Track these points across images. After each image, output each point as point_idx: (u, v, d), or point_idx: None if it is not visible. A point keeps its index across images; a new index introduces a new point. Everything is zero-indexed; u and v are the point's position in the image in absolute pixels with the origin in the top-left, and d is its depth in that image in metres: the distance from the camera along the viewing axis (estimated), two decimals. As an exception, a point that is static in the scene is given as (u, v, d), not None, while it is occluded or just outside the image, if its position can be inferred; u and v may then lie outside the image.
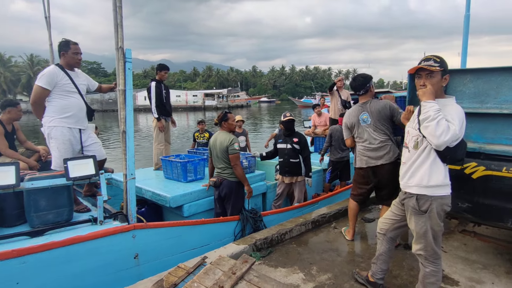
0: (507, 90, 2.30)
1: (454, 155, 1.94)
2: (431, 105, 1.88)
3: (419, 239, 2.12)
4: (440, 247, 2.13)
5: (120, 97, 2.68)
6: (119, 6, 2.60)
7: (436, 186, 2.00)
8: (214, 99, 60.74)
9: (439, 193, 2.00)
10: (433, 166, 2.00)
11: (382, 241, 2.45)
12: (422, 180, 2.02)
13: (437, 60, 1.99)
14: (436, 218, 2.03)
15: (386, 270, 2.48)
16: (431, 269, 2.12)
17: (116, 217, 2.84)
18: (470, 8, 6.65)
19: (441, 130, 1.80)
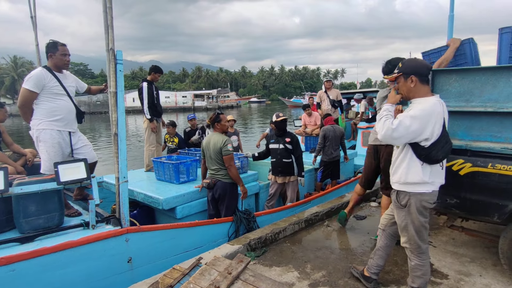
0: (491, 89, 2.38)
1: (428, 154, 2.02)
2: (385, 107, 2.17)
3: (402, 232, 2.26)
4: (425, 242, 2.21)
5: (111, 99, 2.66)
6: (109, 7, 2.58)
7: (413, 183, 2.10)
8: (204, 100, 60.46)
9: (417, 190, 2.10)
10: (411, 164, 2.09)
11: (381, 236, 2.53)
12: (401, 178, 2.15)
13: (399, 66, 2.17)
14: (416, 213, 2.13)
15: (381, 266, 2.54)
16: (416, 263, 2.24)
17: (109, 220, 2.81)
18: (454, 8, 6.81)
19: (380, 126, 2.08)
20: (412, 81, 2.09)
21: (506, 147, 2.34)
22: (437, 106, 2.04)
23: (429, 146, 2.01)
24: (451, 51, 2.81)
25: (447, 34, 7.13)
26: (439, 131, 2.02)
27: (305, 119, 7.25)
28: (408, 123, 1.98)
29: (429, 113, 1.99)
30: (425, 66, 2.13)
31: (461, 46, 2.75)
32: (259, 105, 75.53)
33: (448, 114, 2.15)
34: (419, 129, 1.98)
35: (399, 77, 2.16)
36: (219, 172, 3.69)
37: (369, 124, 7.89)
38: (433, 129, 2.00)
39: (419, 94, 2.10)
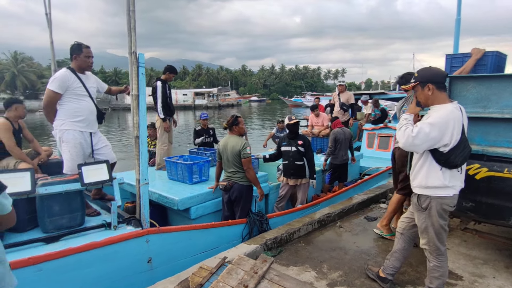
0: (508, 96, 2.43)
1: (447, 160, 2.09)
2: (404, 116, 2.24)
3: (422, 234, 2.32)
4: (443, 244, 2.28)
5: (133, 102, 2.70)
6: (132, 10, 2.62)
7: (434, 187, 2.17)
8: (205, 98, 60.41)
9: (438, 194, 2.17)
10: (431, 169, 2.16)
11: (399, 239, 2.58)
12: (421, 182, 2.22)
13: (416, 75, 2.24)
14: (436, 216, 2.20)
15: (397, 268, 2.60)
16: (435, 264, 2.30)
17: (130, 222, 2.86)
18: (461, 12, 6.88)
19: (400, 135, 2.15)
20: (429, 89, 2.15)
21: (522, 153, 2.40)
22: (454, 112, 2.09)
23: (448, 151, 2.08)
24: (472, 62, 2.86)
25: (454, 37, 7.22)
26: (458, 136, 2.08)
27: (312, 119, 7.31)
28: (428, 130, 2.04)
29: (447, 120, 2.05)
30: (440, 73, 2.19)
31: (484, 57, 2.80)
32: (259, 104, 75.55)
33: (467, 120, 2.20)
34: (438, 135, 2.04)
35: (416, 86, 2.22)
36: (236, 175, 3.74)
37: (375, 126, 7.95)
38: (452, 135, 2.05)
39: (437, 101, 2.16)
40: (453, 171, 2.15)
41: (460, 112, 2.13)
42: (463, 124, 2.13)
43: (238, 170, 3.73)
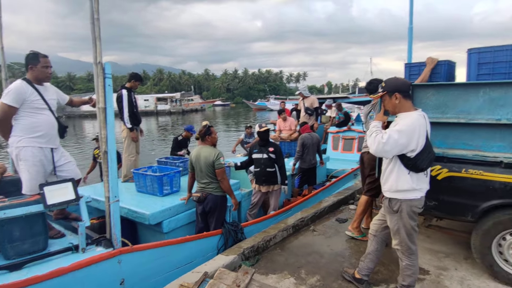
0: (463, 102, 2.66)
1: (415, 164, 2.23)
2: (373, 124, 2.37)
3: (394, 235, 2.44)
4: (414, 244, 2.42)
5: (100, 115, 2.55)
6: (96, 18, 2.48)
7: (404, 190, 2.30)
8: (167, 103, 58.83)
9: (408, 197, 2.31)
10: (400, 174, 2.30)
11: (371, 241, 2.69)
12: (392, 186, 2.35)
13: (383, 85, 2.37)
14: (407, 217, 2.33)
15: (372, 269, 2.72)
16: (407, 263, 2.44)
17: (99, 242, 2.68)
18: (412, 21, 7.43)
19: (371, 141, 2.26)
20: (396, 98, 2.29)
21: (477, 154, 2.64)
22: (420, 119, 2.25)
23: (414, 156, 2.22)
24: (427, 72, 3.11)
25: (408, 44, 7.76)
26: (423, 142, 2.23)
27: (280, 124, 7.42)
28: (397, 137, 2.17)
29: (413, 127, 2.20)
30: (406, 83, 2.34)
31: (437, 65, 3.05)
32: (223, 108, 75.25)
33: (430, 126, 2.37)
34: (406, 142, 2.18)
35: (384, 95, 2.35)
36: (210, 185, 3.68)
37: (339, 129, 8.28)
38: (418, 141, 2.20)
39: (404, 109, 2.30)
40: (419, 175, 2.30)
41: (424, 119, 2.29)
42: (427, 130, 2.29)
43: (212, 180, 3.68)
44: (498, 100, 2.50)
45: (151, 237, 3.94)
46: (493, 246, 2.70)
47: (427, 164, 2.27)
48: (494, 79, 2.71)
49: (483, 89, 2.55)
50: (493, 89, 2.51)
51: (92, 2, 2.38)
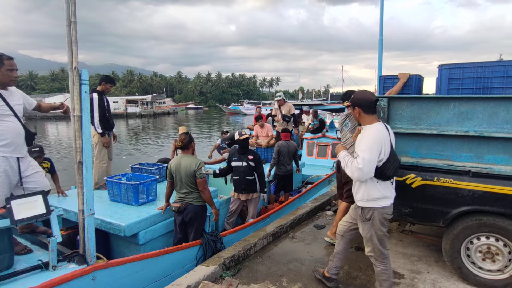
0: (435, 115, 2.82)
1: (382, 172, 2.34)
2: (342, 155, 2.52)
3: (367, 243, 2.54)
4: (386, 248, 2.54)
5: (75, 124, 2.41)
6: (73, 21, 2.36)
7: (375, 199, 2.41)
8: (138, 106, 57.08)
9: (379, 205, 2.42)
10: (369, 183, 2.40)
11: (339, 241, 2.82)
12: (364, 196, 2.45)
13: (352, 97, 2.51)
14: (379, 225, 2.45)
15: (340, 267, 2.87)
16: (381, 268, 2.54)
17: (72, 258, 2.52)
18: (383, 33, 7.79)
19: (349, 171, 2.37)
20: (357, 111, 2.43)
21: (447, 163, 2.80)
22: (381, 130, 2.38)
23: (381, 165, 2.33)
24: (399, 85, 3.32)
25: (378, 54, 8.11)
26: (388, 151, 2.36)
27: (257, 130, 7.44)
28: (367, 156, 2.27)
29: (377, 138, 2.33)
30: (366, 99, 2.41)
31: (409, 79, 3.24)
32: (196, 111, 74.30)
33: (394, 136, 2.51)
34: (376, 155, 2.30)
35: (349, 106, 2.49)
36: (190, 195, 3.60)
37: (314, 135, 8.45)
38: (384, 150, 2.33)
39: (365, 122, 2.44)
40: (386, 183, 2.43)
41: (386, 129, 2.44)
42: (391, 140, 2.42)
43: (192, 190, 3.60)
44: (467, 113, 2.68)
45: (124, 249, 3.78)
46: (462, 249, 2.87)
47: (393, 171, 2.38)
48: (463, 94, 2.90)
49: (453, 103, 2.72)
50: (462, 103, 2.69)
51: (69, 4, 2.26)
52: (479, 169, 2.67)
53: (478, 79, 2.86)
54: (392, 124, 3.00)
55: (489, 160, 2.69)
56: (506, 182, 2.56)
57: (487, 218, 2.69)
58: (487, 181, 2.62)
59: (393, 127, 2.99)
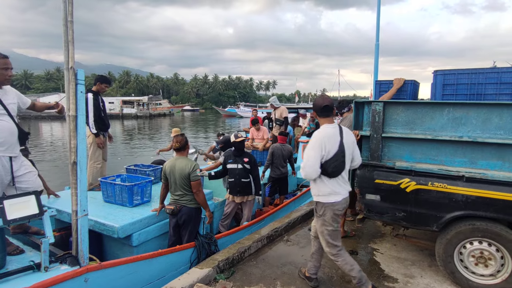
0: (429, 120, 2.85)
1: (325, 169, 2.55)
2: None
3: (321, 237, 2.72)
4: (339, 241, 2.69)
5: (70, 124, 2.40)
6: (70, 20, 2.35)
7: (325, 194, 2.60)
8: (134, 107, 56.81)
9: (329, 200, 2.59)
10: (319, 180, 2.60)
11: (313, 242, 2.93)
12: (315, 191, 2.67)
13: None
14: (330, 221, 2.61)
15: (318, 267, 2.98)
16: (341, 261, 2.68)
17: (64, 259, 2.49)
18: (379, 38, 7.86)
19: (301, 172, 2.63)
20: (314, 114, 2.70)
21: (441, 168, 2.82)
22: (328, 131, 2.59)
23: (324, 162, 2.54)
24: (393, 91, 3.42)
25: (374, 59, 8.15)
26: (333, 150, 2.53)
27: (253, 133, 7.45)
28: (308, 157, 2.53)
29: (320, 138, 2.55)
30: (318, 104, 2.64)
31: (404, 84, 3.28)
32: (192, 113, 74.14)
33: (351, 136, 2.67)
34: (318, 152, 2.52)
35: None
36: (184, 198, 3.58)
37: (309, 139, 8.47)
38: (325, 149, 2.52)
39: (321, 124, 2.70)
40: (337, 180, 2.59)
41: (337, 130, 2.60)
42: (341, 140, 2.57)
43: (186, 193, 3.58)
44: (461, 119, 2.71)
45: (118, 250, 3.74)
46: (455, 254, 2.89)
47: (332, 169, 2.53)
48: (457, 100, 2.94)
49: (447, 108, 2.75)
50: (456, 108, 2.71)
51: (66, 4, 2.26)
52: (473, 174, 2.69)
53: (472, 85, 2.90)
54: (387, 129, 3.03)
55: (482, 166, 2.71)
56: (499, 188, 2.58)
57: (480, 223, 2.72)
58: (481, 187, 2.65)
59: (388, 132, 3.02)
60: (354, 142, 2.71)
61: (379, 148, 3.04)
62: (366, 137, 3.14)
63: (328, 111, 2.65)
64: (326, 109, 2.64)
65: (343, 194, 2.62)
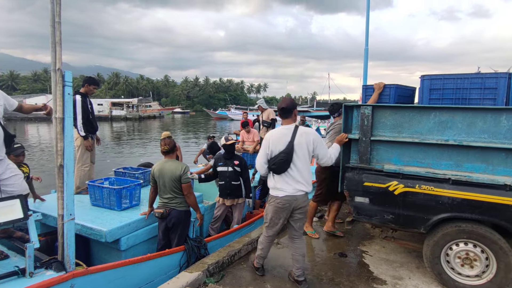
0: (416, 124, 2.90)
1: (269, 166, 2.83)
2: None
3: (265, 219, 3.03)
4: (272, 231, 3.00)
5: (57, 126, 2.35)
6: (57, 22, 2.31)
7: (271, 188, 2.88)
8: (123, 109, 56.13)
9: (273, 194, 2.88)
10: (270, 175, 2.89)
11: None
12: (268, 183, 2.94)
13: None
14: (273, 211, 2.88)
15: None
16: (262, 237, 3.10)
17: (50, 265, 2.44)
18: (368, 43, 7.98)
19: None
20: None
21: (429, 171, 2.87)
22: (277, 132, 2.84)
23: (269, 159, 2.81)
24: (376, 95, 3.54)
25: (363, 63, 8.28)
26: (278, 149, 2.75)
27: (243, 135, 7.46)
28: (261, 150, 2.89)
29: (266, 139, 2.85)
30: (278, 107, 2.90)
31: (386, 89, 3.38)
32: (183, 116, 73.69)
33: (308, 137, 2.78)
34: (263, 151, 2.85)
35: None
36: (174, 201, 3.55)
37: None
38: (269, 148, 2.79)
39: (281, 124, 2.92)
40: (283, 177, 2.77)
41: (291, 131, 2.77)
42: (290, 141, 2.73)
43: (176, 195, 3.55)
44: (447, 123, 2.77)
45: (105, 255, 3.68)
46: (442, 255, 2.94)
47: (274, 166, 2.77)
48: (444, 104, 3.01)
49: (434, 112, 2.81)
50: (442, 113, 2.77)
51: (54, 4, 2.22)
52: (459, 177, 2.75)
53: (458, 90, 2.97)
54: (375, 132, 3.07)
55: (467, 169, 2.78)
56: (483, 190, 2.65)
57: (465, 224, 2.78)
58: (466, 189, 2.71)
59: (377, 135, 3.07)
60: (313, 142, 2.79)
61: (368, 151, 3.08)
62: (355, 140, 3.18)
63: (285, 112, 2.81)
64: (282, 111, 2.83)
65: (288, 191, 2.77)
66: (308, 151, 2.77)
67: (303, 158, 2.76)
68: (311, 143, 2.78)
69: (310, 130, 2.89)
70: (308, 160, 2.85)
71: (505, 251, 2.65)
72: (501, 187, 2.59)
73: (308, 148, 2.76)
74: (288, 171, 2.75)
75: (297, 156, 2.73)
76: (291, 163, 2.73)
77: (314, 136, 2.83)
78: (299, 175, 2.77)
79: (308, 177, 2.86)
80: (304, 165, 2.78)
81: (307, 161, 2.81)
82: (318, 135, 2.93)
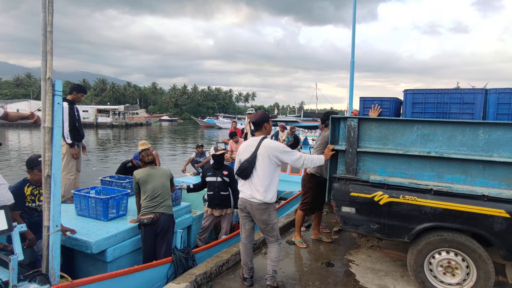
0: (400, 136, 3.02)
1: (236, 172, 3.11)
2: None
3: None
4: (243, 235, 3.24)
5: (46, 135, 2.33)
6: (49, 31, 2.31)
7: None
8: (109, 116, 55.26)
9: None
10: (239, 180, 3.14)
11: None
12: None
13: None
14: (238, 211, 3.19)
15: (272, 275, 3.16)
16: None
17: (34, 278, 2.38)
18: (354, 55, 8.21)
19: None
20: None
21: (412, 182, 2.98)
22: (246, 143, 3.10)
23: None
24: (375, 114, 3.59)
25: (350, 75, 8.48)
26: (243, 158, 3.00)
27: (232, 145, 7.49)
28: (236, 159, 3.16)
29: (239, 149, 3.13)
30: (251, 120, 3.16)
31: (385, 102, 3.45)
32: (170, 124, 73.12)
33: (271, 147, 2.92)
34: (237, 159, 3.13)
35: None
36: (163, 204, 3.59)
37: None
38: (238, 157, 3.09)
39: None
40: (246, 182, 2.99)
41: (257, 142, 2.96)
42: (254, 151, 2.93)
43: (167, 198, 3.66)
44: (428, 135, 2.89)
45: (90, 266, 3.61)
46: (425, 264, 3.02)
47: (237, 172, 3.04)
48: (425, 117, 3.14)
49: (416, 125, 2.93)
50: (425, 126, 2.90)
51: (46, 14, 2.23)
52: (440, 187, 2.86)
53: (438, 104, 3.11)
54: (362, 144, 3.16)
55: (448, 180, 2.89)
56: (463, 200, 2.76)
57: (447, 234, 2.88)
58: (447, 199, 2.82)
59: (363, 146, 3.16)
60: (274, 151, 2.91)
61: (354, 162, 3.17)
62: (342, 151, 3.26)
63: (256, 126, 3.06)
64: (254, 125, 3.08)
65: (244, 195, 3.01)
66: (270, 160, 2.91)
67: (266, 167, 2.92)
68: (272, 154, 2.92)
69: (273, 143, 3.02)
70: (273, 169, 2.95)
71: (484, 259, 2.75)
72: (480, 198, 2.71)
73: (270, 158, 2.91)
74: (250, 177, 2.96)
75: (259, 165, 2.92)
76: (253, 170, 2.94)
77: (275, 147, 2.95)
78: (259, 183, 2.93)
79: (268, 186, 2.93)
80: (266, 173, 2.92)
81: (270, 170, 2.94)
82: (280, 146, 3.01)
